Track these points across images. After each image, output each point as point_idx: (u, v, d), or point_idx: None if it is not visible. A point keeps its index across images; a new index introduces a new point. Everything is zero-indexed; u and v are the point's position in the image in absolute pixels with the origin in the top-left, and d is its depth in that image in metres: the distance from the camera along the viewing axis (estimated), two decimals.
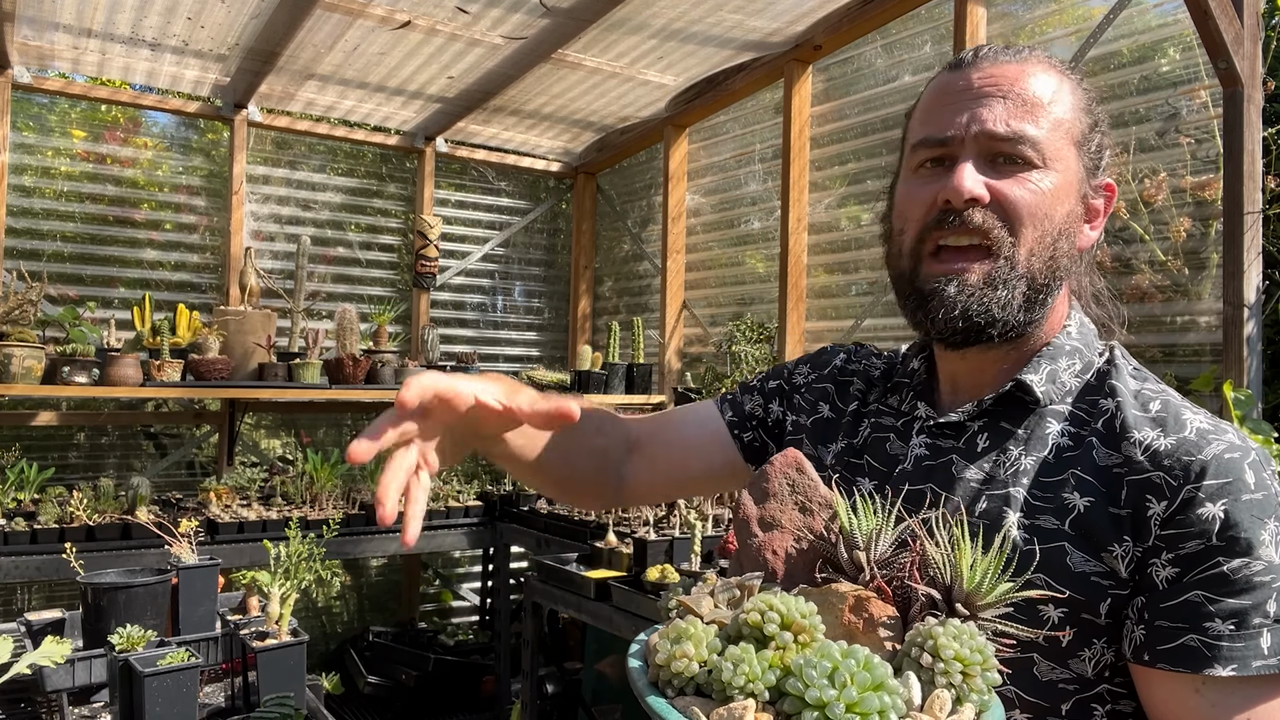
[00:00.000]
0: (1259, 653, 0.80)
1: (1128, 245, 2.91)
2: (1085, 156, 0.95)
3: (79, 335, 3.81)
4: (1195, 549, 0.82)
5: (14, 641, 1.70)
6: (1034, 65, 0.94)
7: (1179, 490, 0.84)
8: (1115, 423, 0.90)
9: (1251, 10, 2.56)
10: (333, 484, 4.10)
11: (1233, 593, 0.81)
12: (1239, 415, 2.40)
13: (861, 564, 0.74)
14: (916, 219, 0.95)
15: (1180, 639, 0.82)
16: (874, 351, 1.18)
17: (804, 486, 0.82)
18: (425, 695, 4.30)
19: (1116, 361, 0.98)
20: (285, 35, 3.68)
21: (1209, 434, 0.86)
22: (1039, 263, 0.92)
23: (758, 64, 4.04)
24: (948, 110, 0.94)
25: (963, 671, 0.64)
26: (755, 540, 0.81)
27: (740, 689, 0.62)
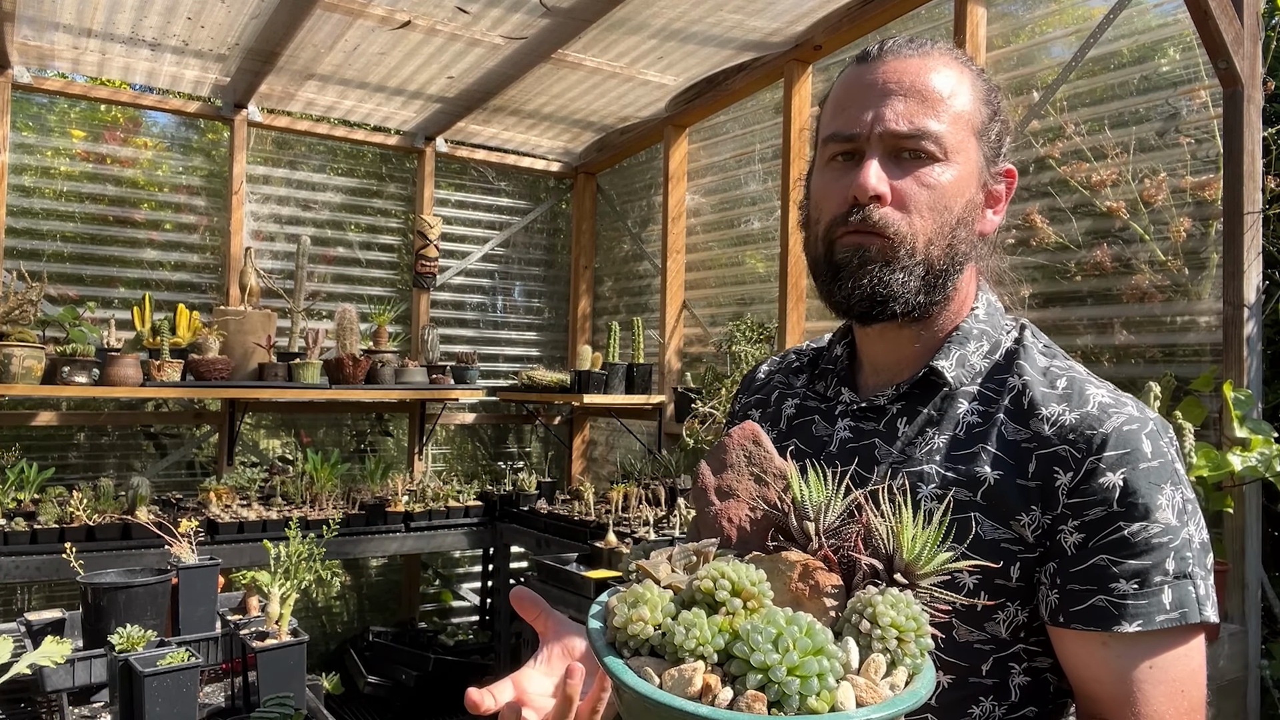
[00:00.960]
0: (1161, 608, 0.86)
1: (1128, 245, 2.91)
2: (985, 146, 1.00)
3: (79, 335, 3.81)
4: (1098, 515, 0.89)
5: (14, 641, 1.70)
6: (935, 59, 0.98)
7: (1083, 462, 0.90)
8: (1023, 400, 0.96)
9: (1251, 10, 2.56)
10: (333, 484, 4.11)
11: (1134, 554, 0.88)
12: (1239, 415, 2.40)
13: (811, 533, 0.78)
14: (829, 211, 1.00)
15: (1089, 600, 0.88)
16: (798, 350, 1.24)
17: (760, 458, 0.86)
18: (425, 695, 4.30)
19: (1025, 342, 1.04)
20: (285, 35, 3.68)
21: (1110, 407, 0.93)
22: (937, 250, 0.98)
23: (758, 64, 4.04)
24: (855, 107, 0.98)
25: (898, 638, 0.68)
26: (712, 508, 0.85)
27: (691, 651, 0.66)
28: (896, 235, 0.96)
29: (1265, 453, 2.31)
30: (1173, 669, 0.88)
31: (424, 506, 4.21)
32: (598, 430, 5.49)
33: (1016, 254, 3.21)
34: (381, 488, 4.32)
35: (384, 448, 5.17)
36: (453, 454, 5.38)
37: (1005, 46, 3.31)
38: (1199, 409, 2.53)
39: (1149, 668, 0.87)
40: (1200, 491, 2.34)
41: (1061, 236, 3.05)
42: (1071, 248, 3.04)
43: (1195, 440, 2.34)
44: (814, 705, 0.63)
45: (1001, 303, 1.11)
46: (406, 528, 4.11)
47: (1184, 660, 0.88)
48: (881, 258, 0.96)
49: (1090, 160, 2.98)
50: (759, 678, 0.63)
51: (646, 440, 4.89)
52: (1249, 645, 2.47)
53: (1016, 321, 1.08)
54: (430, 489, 4.35)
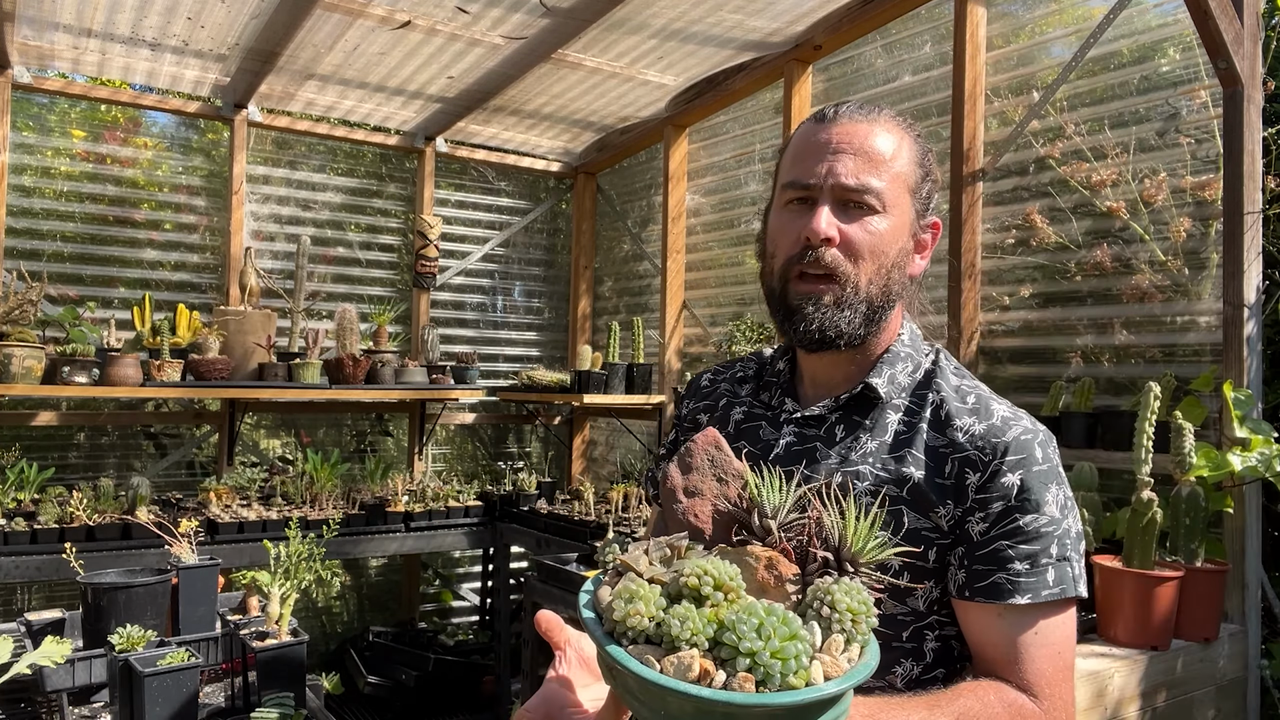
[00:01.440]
0: (1046, 584, 1.06)
1: (1128, 245, 2.91)
2: (917, 202, 1.19)
3: (79, 335, 3.81)
4: (999, 509, 1.08)
5: (14, 641, 1.70)
6: (881, 125, 1.16)
7: (989, 465, 1.09)
8: (941, 413, 1.15)
9: (1251, 10, 2.56)
10: (333, 484, 4.11)
11: (1026, 540, 1.07)
12: (1239, 415, 2.40)
13: (770, 528, 0.91)
14: (785, 249, 1.17)
15: (990, 578, 1.07)
16: (739, 359, 1.40)
17: (721, 461, 0.99)
18: (425, 695, 4.30)
19: (940, 364, 1.22)
20: (285, 35, 3.68)
21: (1010, 420, 1.13)
22: (875, 289, 1.15)
23: (758, 64, 4.04)
24: (811, 160, 1.15)
25: (852, 620, 0.82)
26: (680, 505, 0.96)
27: (686, 640, 0.77)
28: (843, 275, 1.13)
29: (1265, 453, 2.31)
30: (1053, 635, 1.07)
31: (424, 506, 4.21)
32: (598, 430, 5.49)
33: (1016, 254, 3.21)
34: (381, 488, 4.32)
35: (384, 448, 5.17)
36: (453, 454, 5.38)
37: (1005, 46, 3.31)
38: (1199, 409, 2.53)
39: (1034, 634, 1.06)
40: (1201, 491, 2.34)
41: (1061, 236, 3.05)
42: (1071, 248, 3.04)
43: (1195, 440, 2.34)
44: (793, 682, 0.75)
45: (920, 331, 1.29)
46: (406, 528, 4.11)
47: (1061, 628, 1.08)
48: (833, 302, 1.14)
49: (1090, 160, 2.98)
50: (747, 661, 0.75)
51: (646, 440, 4.89)
52: (1249, 645, 2.47)
53: (933, 347, 1.26)
54: (430, 489, 4.35)
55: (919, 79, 3.60)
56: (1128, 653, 2.21)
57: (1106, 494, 2.69)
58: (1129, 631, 2.24)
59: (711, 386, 1.38)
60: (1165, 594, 2.23)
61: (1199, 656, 2.32)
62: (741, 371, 1.36)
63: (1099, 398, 2.88)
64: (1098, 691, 2.09)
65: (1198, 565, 2.32)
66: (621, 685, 0.83)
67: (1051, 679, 1.06)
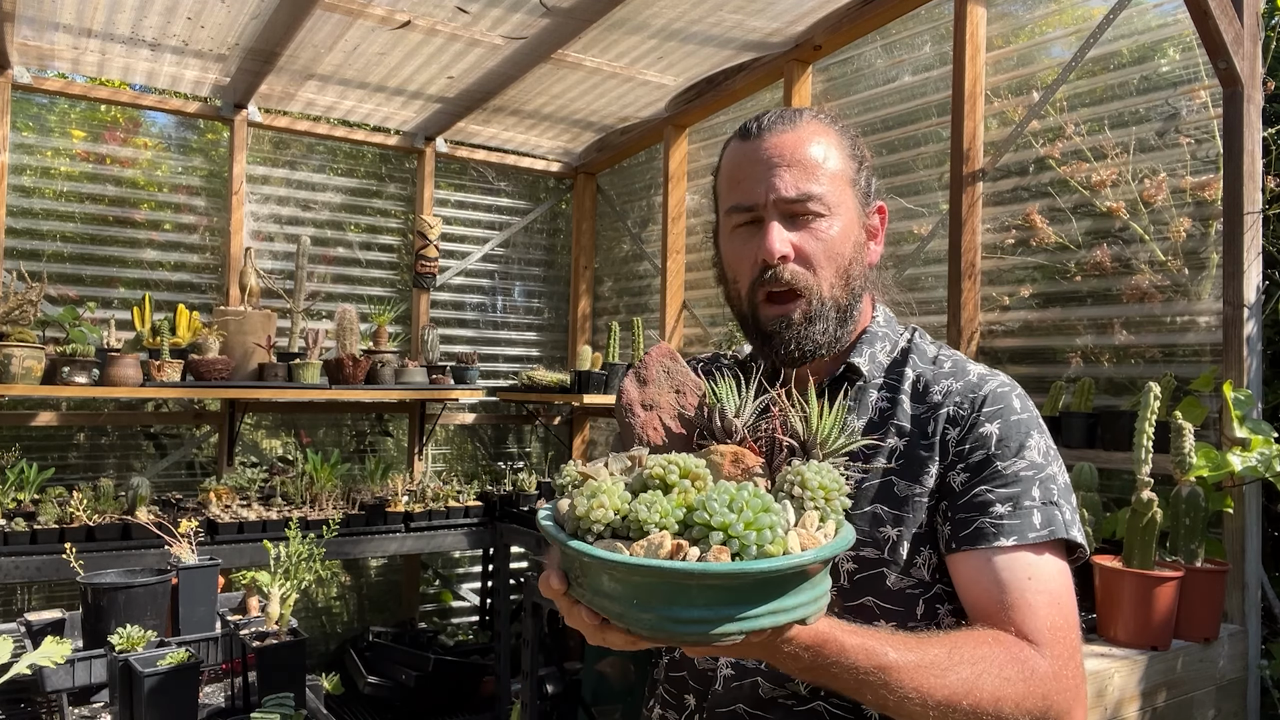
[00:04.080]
0: (1032, 526, 1.06)
1: (1128, 245, 2.91)
2: (858, 193, 1.20)
3: (79, 335, 3.81)
4: (980, 458, 1.10)
5: (14, 641, 1.70)
6: (806, 131, 1.17)
7: (968, 418, 1.12)
8: (919, 385, 1.18)
9: (1251, 10, 2.56)
10: (333, 484, 4.10)
11: (1006, 484, 1.08)
12: (1239, 415, 2.40)
13: (733, 428, 0.91)
14: (745, 274, 1.18)
15: (974, 524, 1.07)
16: (723, 355, 1.41)
17: (677, 373, 0.98)
18: (425, 695, 4.29)
19: (916, 341, 1.25)
20: (285, 35, 3.68)
21: (986, 376, 1.17)
22: (839, 290, 1.17)
23: (758, 64, 4.04)
24: (748, 181, 1.16)
25: (825, 497, 0.82)
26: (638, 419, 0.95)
27: (656, 524, 0.75)
28: (805, 288, 1.15)
29: (1265, 453, 2.31)
30: (1049, 582, 1.04)
31: (424, 507, 4.21)
32: (598, 430, 5.49)
33: (1016, 254, 3.21)
34: (381, 488, 4.32)
35: (384, 448, 5.17)
36: (453, 454, 5.38)
37: (1005, 46, 3.31)
38: (1199, 409, 2.53)
39: (1028, 579, 1.03)
40: (1201, 491, 2.34)
41: (1061, 236, 3.05)
42: (1071, 248, 3.04)
43: (1195, 440, 2.34)
44: (770, 551, 0.74)
45: (893, 314, 1.32)
46: (406, 528, 4.11)
47: (1057, 576, 1.06)
48: (803, 319, 1.15)
49: (1090, 160, 2.98)
50: (720, 535, 0.74)
51: None
52: (1249, 645, 2.47)
53: (908, 327, 1.29)
54: (430, 489, 4.35)
55: (919, 79, 3.60)
56: (1127, 653, 2.21)
57: (1106, 494, 2.69)
58: (1129, 631, 2.24)
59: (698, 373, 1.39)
60: (1165, 594, 2.23)
61: (1199, 656, 2.32)
62: (728, 360, 1.38)
63: (1099, 398, 2.88)
64: (1098, 691, 2.09)
65: (1198, 565, 2.32)
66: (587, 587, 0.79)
67: (1054, 628, 1.01)
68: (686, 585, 0.72)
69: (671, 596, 0.73)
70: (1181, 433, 2.31)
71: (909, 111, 3.62)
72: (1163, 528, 2.31)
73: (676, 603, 0.73)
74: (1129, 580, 2.25)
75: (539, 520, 0.84)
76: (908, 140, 3.63)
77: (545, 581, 0.85)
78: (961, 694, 0.93)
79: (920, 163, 3.59)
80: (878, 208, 1.24)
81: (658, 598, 0.73)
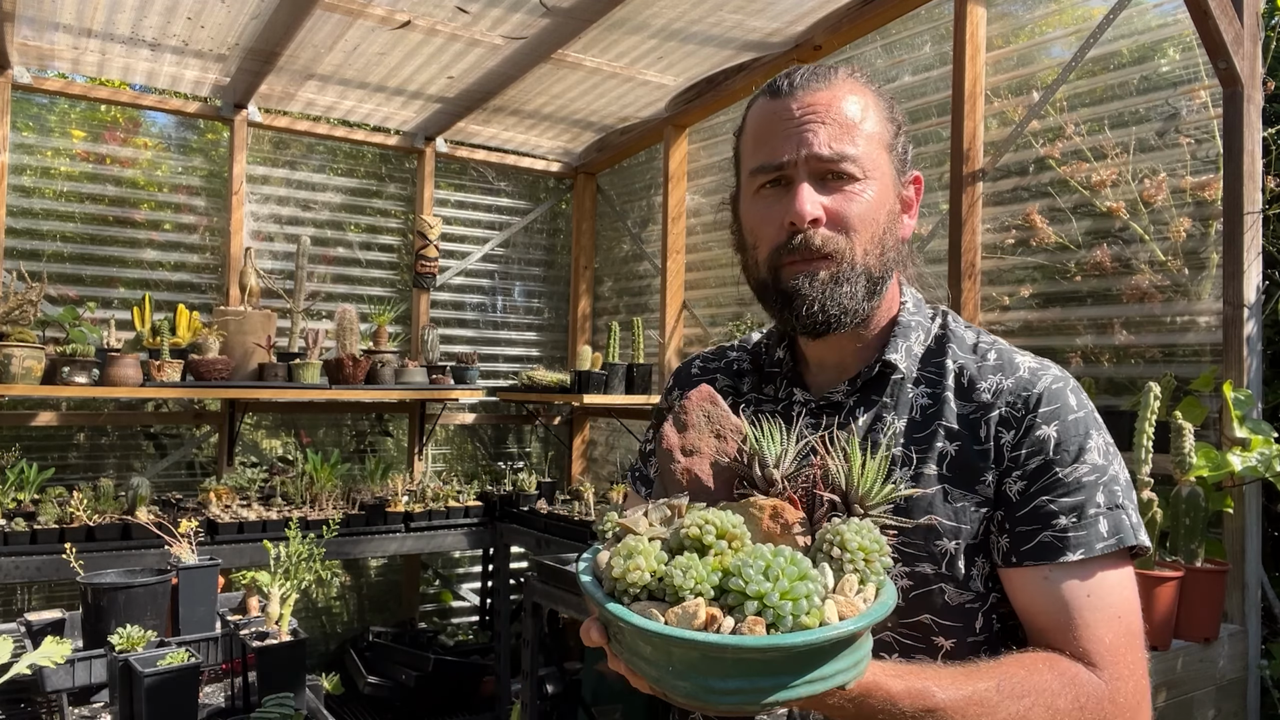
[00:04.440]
0: (1100, 536, 0.98)
1: (1128, 245, 2.91)
2: (895, 159, 1.11)
3: (79, 335, 3.81)
4: (1038, 464, 1.02)
5: (14, 641, 1.70)
6: (842, 88, 1.09)
7: (1023, 420, 1.03)
8: (964, 379, 1.09)
9: (1251, 10, 2.56)
10: (333, 484, 4.10)
11: (1069, 492, 1.00)
12: (1239, 415, 2.40)
13: (773, 479, 0.88)
14: (768, 238, 1.09)
15: (1036, 538, 0.99)
16: (728, 347, 1.32)
17: (718, 417, 0.96)
18: (425, 695, 4.29)
19: (950, 326, 1.15)
20: (285, 35, 3.68)
21: (1038, 371, 1.07)
22: (873, 259, 1.08)
23: (758, 64, 4.04)
24: (778, 138, 1.07)
25: (865, 559, 0.78)
26: (678, 465, 0.93)
27: (690, 590, 0.74)
28: (837, 251, 1.06)
29: (1265, 453, 2.31)
30: (1111, 596, 0.98)
31: (424, 507, 4.21)
32: (598, 430, 5.49)
33: (1016, 254, 3.21)
34: (381, 488, 4.32)
35: (384, 448, 5.17)
36: (453, 454, 5.38)
37: (1005, 46, 3.31)
38: (1199, 409, 2.53)
39: (1088, 596, 0.98)
40: (1201, 491, 2.34)
41: (1061, 236, 3.05)
42: (1071, 248, 3.04)
43: (1195, 440, 2.34)
44: (806, 622, 0.72)
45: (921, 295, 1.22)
46: (406, 528, 4.11)
47: (1121, 588, 0.99)
48: (830, 279, 1.06)
49: (1090, 160, 2.98)
50: (755, 605, 0.72)
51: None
52: (1249, 645, 2.47)
53: (936, 309, 1.19)
54: (430, 489, 4.35)
55: (919, 79, 3.60)
56: None
57: None
58: None
59: (703, 375, 1.30)
60: (1165, 594, 2.23)
61: (1199, 656, 2.32)
62: (737, 364, 1.27)
63: (1099, 398, 2.88)
64: None
65: (1198, 565, 2.32)
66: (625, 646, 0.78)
67: (1113, 646, 0.97)
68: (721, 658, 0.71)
69: (707, 667, 0.71)
70: (1181, 433, 2.31)
71: (909, 111, 3.62)
72: (1163, 528, 2.31)
73: (712, 674, 0.71)
74: None
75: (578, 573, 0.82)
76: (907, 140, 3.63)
77: (586, 633, 0.83)
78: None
79: (920, 163, 3.59)
80: (913, 177, 1.15)
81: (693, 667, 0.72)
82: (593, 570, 0.82)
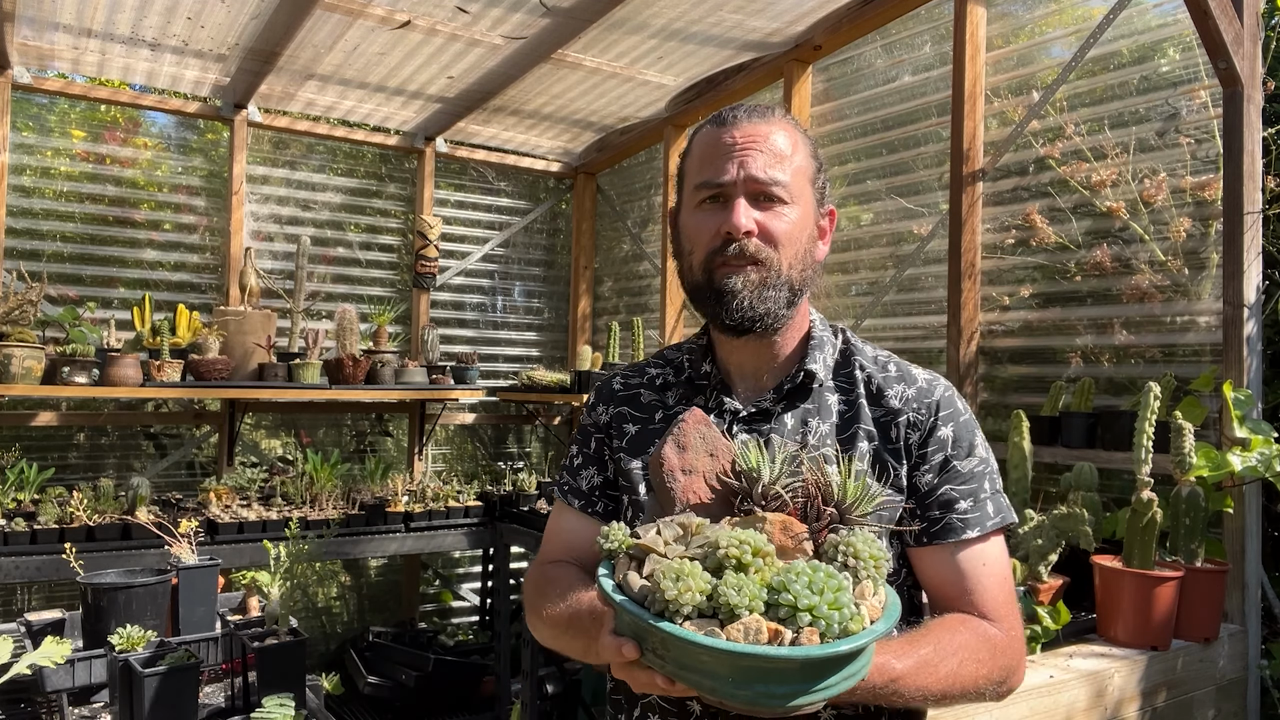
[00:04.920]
0: (989, 515, 1.22)
1: (1128, 245, 2.91)
2: (815, 192, 1.28)
3: (79, 335, 3.81)
4: (941, 459, 1.22)
5: (14, 641, 1.70)
6: (778, 125, 1.26)
7: (926, 422, 1.24)
8: (873, 386, 1.28)
9: (1251, 10, 2.56)
10: (333, 484, 4.10)
11: (966, 481, 1.22)
12: (1239, 415, 2.40)
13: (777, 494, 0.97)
14: (704, 244, 1.24)
15: (943, 521, 1.21)
16: (645, 364, 1.43)
17: (711, 439, 1.05)
18: (425, 695, 4.29)
19: (851, 341, 1.34)
20: (285, 35, 3.68)
21: (932, 381, 1.28)
22: (795, 272, 1.24)
23: (758, 64, 4.04)
24: (721, 160, 1.23)
25: (875, 565, 0.88)
26: (679, 484, 1.01)
27: (746, 607, 0.81)
28: (767, 260, 1.22)
29: (1265, 453, 2.31)
30: (997, 564, 1.22)
31: (424, 506, 4.21)
32: None
33: (1016, 254, 3.21)
34: (381, 488, 4.32)
35: (384, 448, 5.17)
36: (453, 454, 5.38)
37: (1005, 46, 3.31)
38: (1199, 409, 2.53)
39: (983, 565, 1.20)
40: (1201, 491, 2.34)
41: (1061, 236, 3.05)
42: (1071, 248, 3.04)
43: (1195, 440, 2.34)
44: (851, 628, 0.82)
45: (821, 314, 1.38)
46: (406, 528, 4.11)
47: (1002, 555, 1.23)
48: (760, 282, 1.22)
49: (1090, 160, 2.98)
50: (808, 617, 0.81)
51: None
52: (1249, 645, 2.47)
53: (835, 326, 1.37)
54: (430, 489, 4.35)
55: (919, 79, 3.60)
56: (1127, 653, 2.21)
57: (1106, 494, 2.69)
58: (1129, 631, 2.24)
59: (627, 391, 1.39)
60: (1165, 594, 2.23)
61: (1199, 656, 2.32)
62: (660, 378, 1.38)
63: (1099, 398, 2.88)
64: (1098, 691, 2.09)
65: (1198, 565, 2.32)
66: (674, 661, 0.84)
67: (1005, 603, 1.20)
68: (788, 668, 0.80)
69: (766, 676, 0.80)
70: (1181, 433, 2.31)
71: (909, 111, 3.62)
72: (1163, 528, 2.31)
73: (771, 680, 0.80)
74: (1129, 580, 2.25)
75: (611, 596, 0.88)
76: (908, 140, 3.63)
77: (617, 649, 0.90)
78: (951, 681, 1.08)
79: (920, 163, 3.59)
80: (829, 210, 1.32)
81: (753, 677, 0.80)
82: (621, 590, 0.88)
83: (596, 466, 1.37)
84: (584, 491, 1.37)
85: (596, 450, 1.38)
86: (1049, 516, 2.39)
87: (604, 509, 1.36)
